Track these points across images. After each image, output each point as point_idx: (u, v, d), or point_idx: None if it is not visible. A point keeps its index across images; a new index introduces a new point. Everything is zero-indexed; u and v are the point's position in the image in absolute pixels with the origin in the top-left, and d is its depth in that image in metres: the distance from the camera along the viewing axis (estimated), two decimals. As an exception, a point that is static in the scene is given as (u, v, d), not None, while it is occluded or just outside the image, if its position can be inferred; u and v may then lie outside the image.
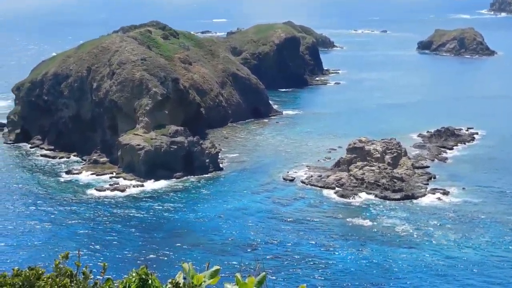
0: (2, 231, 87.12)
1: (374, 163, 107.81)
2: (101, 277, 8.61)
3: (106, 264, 8.82)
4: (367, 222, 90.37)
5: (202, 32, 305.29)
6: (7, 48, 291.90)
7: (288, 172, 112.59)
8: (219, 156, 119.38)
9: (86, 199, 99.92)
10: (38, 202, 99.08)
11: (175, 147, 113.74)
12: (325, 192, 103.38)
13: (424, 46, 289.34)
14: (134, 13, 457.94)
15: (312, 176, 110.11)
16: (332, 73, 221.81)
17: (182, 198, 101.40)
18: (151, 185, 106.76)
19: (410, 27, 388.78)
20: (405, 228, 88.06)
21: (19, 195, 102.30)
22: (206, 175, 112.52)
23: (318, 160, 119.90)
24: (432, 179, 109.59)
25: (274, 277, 71.14)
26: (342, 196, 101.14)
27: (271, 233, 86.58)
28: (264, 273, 8.02)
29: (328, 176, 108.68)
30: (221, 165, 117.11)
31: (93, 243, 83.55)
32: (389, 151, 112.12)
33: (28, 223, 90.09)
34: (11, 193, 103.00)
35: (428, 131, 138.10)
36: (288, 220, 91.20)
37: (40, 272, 8.33)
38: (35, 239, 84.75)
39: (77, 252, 9.60)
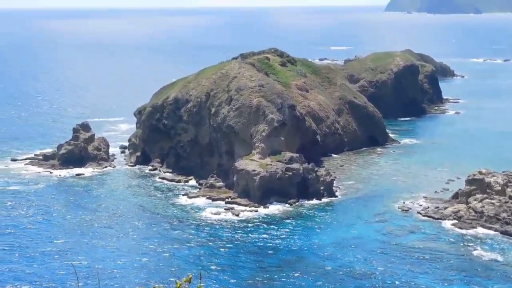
0: (122, 251, 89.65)
1: (494, 196, 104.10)
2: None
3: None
4: (487, 257, 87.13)
5: (320, 59, 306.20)
6: (135, 70, 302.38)
7: (404, 202, 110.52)
8: (334, 184, 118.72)
9: (202, 223, 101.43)
10: (156, 224, 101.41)
11: (290, 173, 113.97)
12: (442, 224, 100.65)
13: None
14: (255, 39, 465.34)
15: (429, 207, 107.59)
16: (452, 102, 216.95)
17: (295, 224, 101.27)
18: (265, 210, 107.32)
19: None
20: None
21: (137, 217, 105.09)
22: (320, 202, 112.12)
23: (436, 191, 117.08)
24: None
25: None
26: (460, 228, 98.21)
27: (386, 263, 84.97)
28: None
29: (445, 208, 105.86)
30: (335, 193, 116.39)
31: (207, 266, 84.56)
32: (511, 183, 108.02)
33: (146, 244, 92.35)
34: (130, 215, 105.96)
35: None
36: (404, 251, 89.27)
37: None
38: (152, 259, 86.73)
39: (192, 274, 9.62)
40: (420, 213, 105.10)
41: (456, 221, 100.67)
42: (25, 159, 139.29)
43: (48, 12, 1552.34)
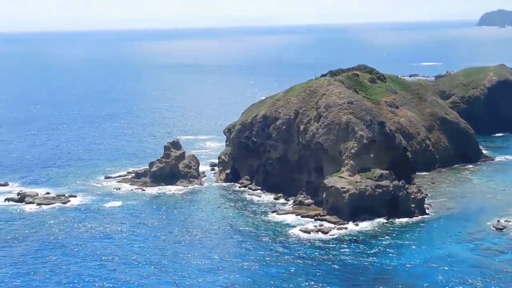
0: (212, 268, 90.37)
1: None
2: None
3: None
4: None
5: (410, 76, 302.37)
6: (228, 90, 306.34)
7: (498, 221, 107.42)
8: (425, 201, 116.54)
9: (292, 240, 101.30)
10: (246, 241, 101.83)
11: (380, 191, 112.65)
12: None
13: None
14: (344, 56, 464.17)
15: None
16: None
17: (386, 242, 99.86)
18: (354, 227, 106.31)
19: None
20: None
21: (228, 234, 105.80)
22: (411, 220, 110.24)
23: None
24: None
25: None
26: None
27: (482, 283, 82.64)
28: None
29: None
30: (427, 211, 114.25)
31: (298, 283, 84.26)
32: None
33: (235, 261, 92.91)
34: (221, 232, 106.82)
35: None
36: (500, 270, 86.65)
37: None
38: (242, 276, 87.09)
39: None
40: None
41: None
42: (118, 176, 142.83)
43: (142, 33, 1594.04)
